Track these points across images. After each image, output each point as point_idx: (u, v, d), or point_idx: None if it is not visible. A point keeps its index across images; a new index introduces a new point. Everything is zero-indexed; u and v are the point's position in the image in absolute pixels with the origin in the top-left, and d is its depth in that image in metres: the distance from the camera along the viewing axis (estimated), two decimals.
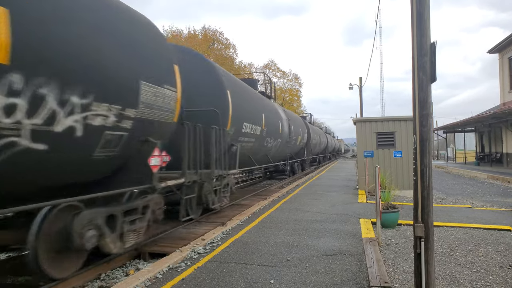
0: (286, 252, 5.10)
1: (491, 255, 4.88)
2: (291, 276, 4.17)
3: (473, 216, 7.67)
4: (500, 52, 24.67)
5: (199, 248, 5.26)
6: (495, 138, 25.36)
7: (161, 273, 4.33)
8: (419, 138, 3.02)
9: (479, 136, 29.71)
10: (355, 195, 10.99)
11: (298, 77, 48.89)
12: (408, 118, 11.15)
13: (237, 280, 4.08)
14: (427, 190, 2.99)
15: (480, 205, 9.83)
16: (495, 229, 6.35)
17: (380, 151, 11.49)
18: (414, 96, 3.05)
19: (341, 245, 5.41)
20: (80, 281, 4.59)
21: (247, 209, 8.59)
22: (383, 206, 6.51)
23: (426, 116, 3.01)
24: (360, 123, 11.98)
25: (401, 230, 6.39)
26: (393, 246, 5.42)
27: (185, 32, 35.80)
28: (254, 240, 5.74)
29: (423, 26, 2.98)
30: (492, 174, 17.98)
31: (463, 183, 16.41)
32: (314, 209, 8.45)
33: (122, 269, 5.20)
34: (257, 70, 45.83)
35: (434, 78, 3.00)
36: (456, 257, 4.83)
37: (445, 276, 4.13)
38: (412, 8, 3.04)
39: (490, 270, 4.31)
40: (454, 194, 12.28)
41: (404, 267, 4.44)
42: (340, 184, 14.37)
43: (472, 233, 6.10)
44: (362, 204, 9.18)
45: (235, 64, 38.47)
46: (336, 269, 4.39)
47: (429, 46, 2.98)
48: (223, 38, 36.97)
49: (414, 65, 3.03)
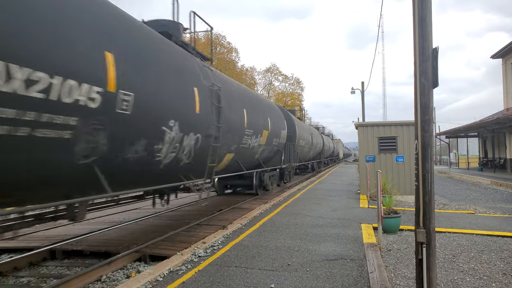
0: (287, 256, 5.08)
1: (494, 262, 4.84)
2: (292, 281, 4.15)
3: (476, 222, 7.61)
4: (503, 57, 24.64)
5: (200, 251, 5.25)
6: (499, 144, 25.23)
7: (161, 276, 4.32)
8: (421, 143, 3.01)
9: (482, 142, 29.57)
10: (356, 200, 10.94)
11: (300, 81, 48.88)
12: (410, 123, 11.13)
13: (237, 284, 4.07)
14: (429, 195, 2.98)
15: (483, 211, 9.76)
16: (499, 236, 6.30)
17: (382, 155, 11.46)
18: (416, 101, 3.05)
19: (342, 250, 5.39)
20: (81, 282, 4.60)
21: (248, 213, 8.58)
22: (384, 211, 6.48)
23: (428, 121, 3.00)
24: (362, 127, 11.96)
25: (403, 236, 6.36)
26: (394, 251, 5.39)
27: (187, 36, 35.98)
28: (255, 244, 5.72)
29: (425, 31, 2.99)
30: (496, 180, 17.86)
31: (466, 188, 16.32)
32: (315, 214, 8.42)
33: (123, 271, 5.20)
34: (259, 74, 45.96)
35: (436, 83, 3.00)
36: (459, 263, 4.79)
37: (447, 283, 4.09)
38: (414, 14, 3.05)
39: (493, 277, 4.27)
40: (456, 200, 12.20)
41: (406, 273, 4.41)
42: (342, 189, 14.32)
43: (475, 240, 6.05)
44: (363, 209, 9.14)
45: (237, 67, 38.59)
46: (337, 274, 4.36)
47: (431, 52, 2.98)
48: (226, 42, 37.13)
49: (416, 70, 3.04)
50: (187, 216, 8.76)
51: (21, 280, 4.96)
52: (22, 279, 4.99)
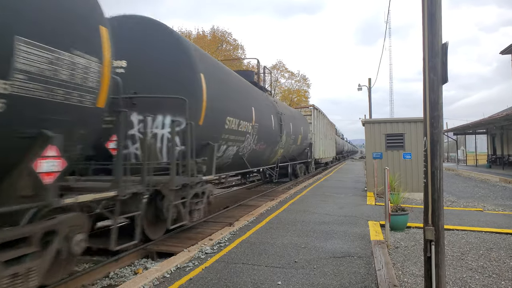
0: (293, 253, 5.08)
1: (504, 260, 4.78)
2: (299, 278, 4.15)
3: (485, 219, 7.53)
4: None
5: (207, 248, 5.27)
6: (508, 141, 24.89)
7: (169, 273, 4.35)
8: (430, 140, 2.97)
9: (490, 138, 29.20)
10: (363, 197, 10.90)
11: (306, 78, 48.71)
12: (417, 119, 11.03)
13: (244, 281, 4.08)
14: (438, 192, 2.95)
15: (492, 208, 9.65)
16: (508, 234, 6.23)
17: (389, 152, 11.38)
18: (425, 97, 3.01)
19: (350, 247, 5.37)
20: (90, 279, 4.64)
21: (254, 210, 8.59)
22: (392, 208, 6.44)
23: (437, 118, 2.96)
24: (369, 124, 11.89)
25: (410, 233, 6.31)
26: (402, 249, 5.35)
27: (194, 33, 36.01)
28: (261, 241, 5.73)
29: (435, 26, 2.94)
30: (505, 177, 17.63)
31: (474, 186, 16.14)
32: (322, 211, 8.40)
33: (130, 267, 5.24)
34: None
35: (445, 79, 2.96)
36: (467, 261, 4.75)
37: (456, 281, 4.06)
38: (423, 9, 3.00)
39: (502, 275, 4.22)
40: (465, 197, 12.08)
41: (414, 271, 4.38)
42: (349, 186, 14.27)
43: (484, 237, 5.99)
44: (370, 206, 9.09)
45: (243, 64, 38.55)
46: (344, 271, 4.35)
47: (440, 47, 2.94)
48: (232, 39, 37.14)
49: (425, 66, 2.99)
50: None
51: None
52: None
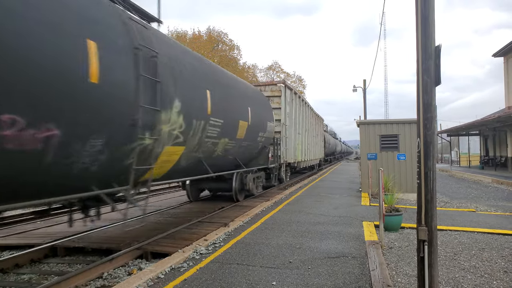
0: (288, 254, 5.09)
1: (495, 260, 4.84)
2: (294, 278, 4.16)
3: (477, 220, 7.61)
4: (505, 55, 24.54)
5: (202, 249, 5.26)
6: (500, 142, 25.19)
7: (163, 273, 4.34)
8: (423, 141, 3.00)
9: (483, 140, 29.53)
10: (358, 197, 10.95)
11: (302, 79, 48.93)
12: (412, 121, 11.12)
13: (239, 282, 4.08)
14: (431, 193, 2.98)
15: (484, 209, 9.76)
16: (500, 234, 6.30)
17: (383, 153, 11.45)
18: (419, 99, 3.04)
19: (344, 247, 5.40)
20: (83, 279, 4.61)
21: (249, 210, 8.59)
22: (386, 209, 6.48)
23: (430, 119, 2.99)
24: (364, 125, 11.95)
25: (404, 234, 6.36)
26: (396, 249, 5.39)
27: (189, 33, 35.92)
28: (256, 242, 5.73)
29: (428, 29, 2.97)
30: (497, 178, 17.84)
31: (467, 186, 16.30)
32: (317, 211, 8.43)
33: (124, 268, 5.21)
34: (261, 72, 45.90)
35: (438, 81, 2.99)
36: (460, 261, 4.80)
37: (449, 281, 4.10)
38: (416, 11, 3.03)
39: (494, 275, 4.27)
40: (458, 198, 12.20)
41: (407, 271, 4.41)
42: (343, 187, 14.33)
43: (476, 238, 6.05)
44: (365, 207, 9.14)
45: (239, 65, 38.54)
46: (338, 271, 4.37)
47: (433, 49, 2.97)
48: (228, 39, 37.10)
49: (419, 68, 3.02)
50: (188, 213, 8.78)
51: (22, 277, 4.98)
52: (23, 276, 5.01)
